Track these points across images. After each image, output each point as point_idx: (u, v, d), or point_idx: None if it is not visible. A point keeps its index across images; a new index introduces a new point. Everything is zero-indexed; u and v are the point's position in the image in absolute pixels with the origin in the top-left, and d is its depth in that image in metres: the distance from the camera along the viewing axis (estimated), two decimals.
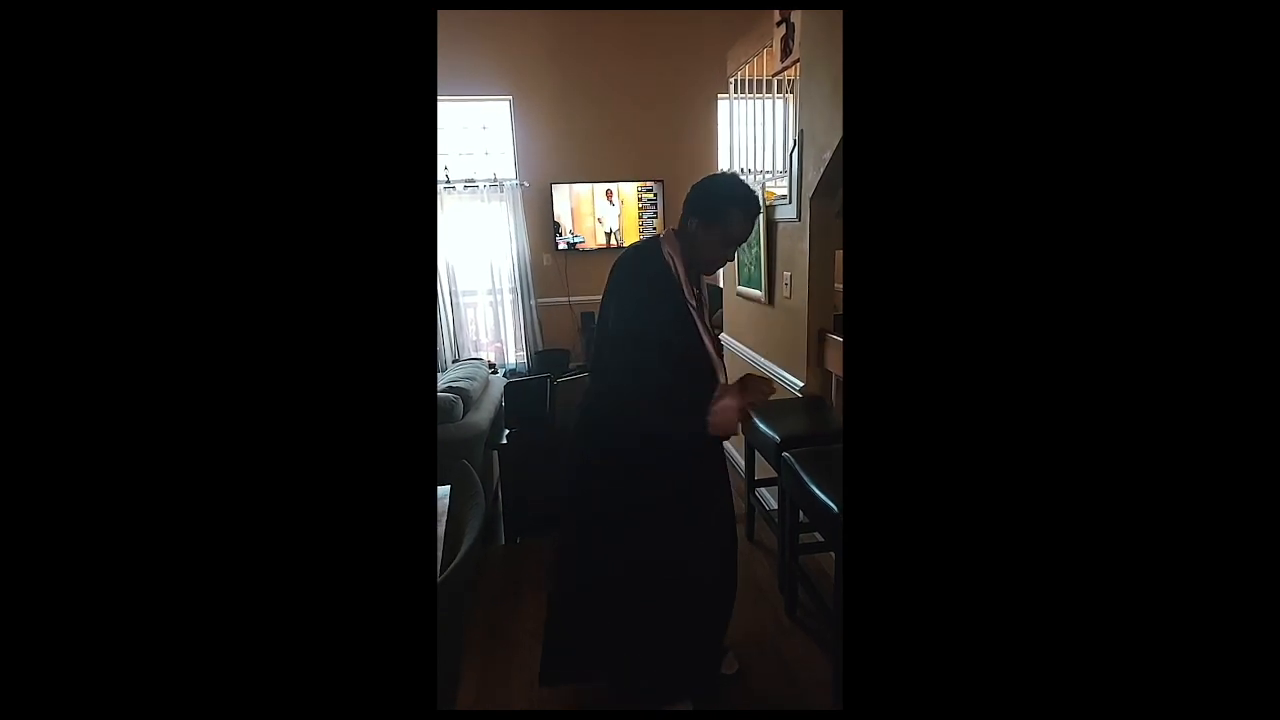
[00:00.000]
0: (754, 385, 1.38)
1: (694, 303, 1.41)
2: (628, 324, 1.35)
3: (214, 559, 0.56)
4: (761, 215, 2.53)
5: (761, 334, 2.77)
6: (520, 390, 2.69)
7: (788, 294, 2.44)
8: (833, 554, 1.53)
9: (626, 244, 4.39)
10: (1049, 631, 0.56)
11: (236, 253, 0.56)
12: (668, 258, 1.39)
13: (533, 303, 4.81)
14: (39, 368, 0.53)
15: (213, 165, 0.55)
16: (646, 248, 1.44)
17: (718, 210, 1.35)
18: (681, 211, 1.42)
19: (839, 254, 2.35)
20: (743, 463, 2.49)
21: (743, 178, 1.36)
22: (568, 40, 4.48)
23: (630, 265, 1.41)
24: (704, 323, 1.44)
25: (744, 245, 2.82)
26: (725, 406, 1.32)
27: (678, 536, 1.44)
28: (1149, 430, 0.53)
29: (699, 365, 1.41)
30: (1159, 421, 0.53)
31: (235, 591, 0.56)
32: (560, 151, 4.66)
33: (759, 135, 2.82)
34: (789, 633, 1.86)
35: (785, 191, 2.39)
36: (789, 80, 2.53)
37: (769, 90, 2.75)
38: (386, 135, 0.58)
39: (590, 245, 4.72)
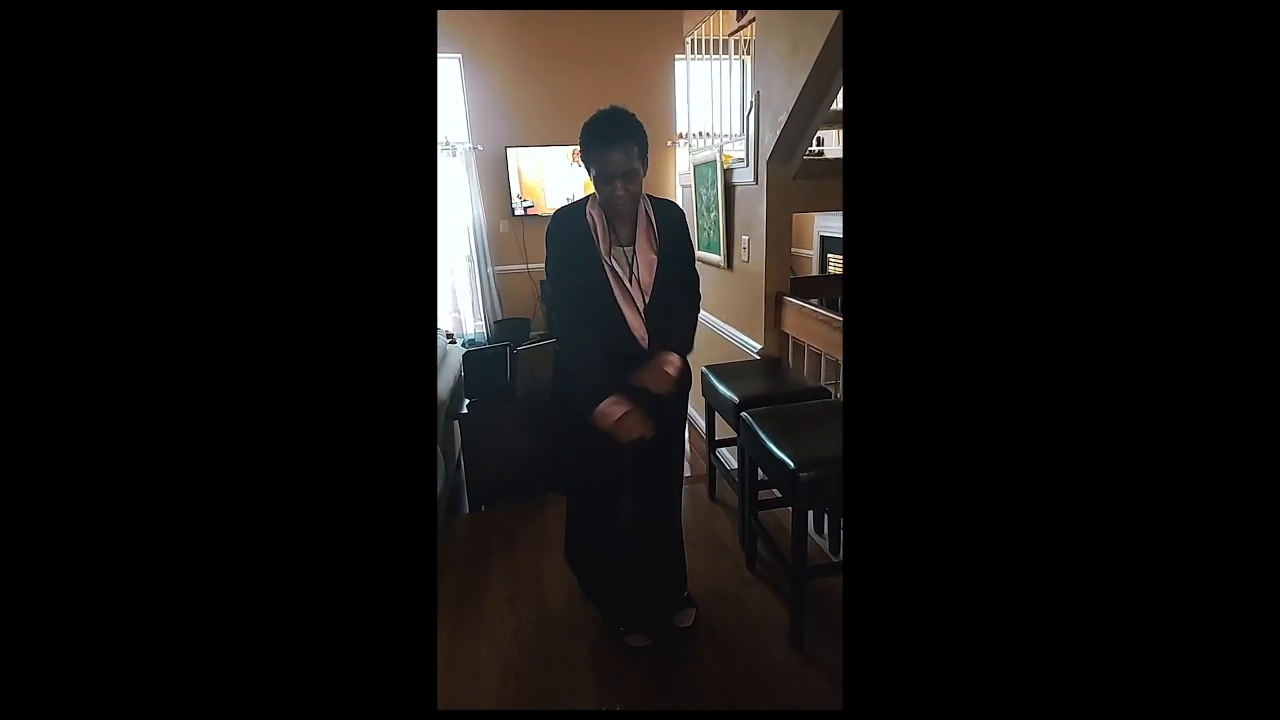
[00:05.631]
0: (628, 421, 1.33)
1: (615, 263, 1.40)
2: (552, 291, 1.42)
3: (212, 557, 0.55)
4: (720, 179, 2.53)
5: (721, 298, 2.80)
6: (479, 359, 2.66)
7: (746, 258, 2.46)
8: (790, 509, 1.59)
9: None
10: (1050, 631, 0.55)
11: (239, 248, 0.56)
12: (589, 219, 1.39)
13: (490, 270, 4.72)
14: (33, 357, 0.52)
15: (220, 163, 0.55)
16: (570, 211, 1.43)
17: (585, 150, 1.31)
18: None
19: (796, 217, 2.37)
20: (703, 424, 2.54)
21: (619, 109, 1.31)
22: None
23: (552, 231, 1.43)
24: (626, 284, 1.42)
25: (702, 210, 2.82)
26: (603, 413, 1.32)
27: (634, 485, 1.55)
28: (1152, 426, 0.52)
29: (619, 333, 1.42)
30: (1163, 412, 0.52)
31: (233, 588, 0.56)
32: (515, 114, 4.52)
33: (716, 97, 2.80)
34: (750, 585, 1.94)
35: (742, 154, 2.39)
36: (746, 40, 2.51)
37: (725, 51, 2.72)
38: (388, 135, 0.59)
39: (545, 210, 4.64)
